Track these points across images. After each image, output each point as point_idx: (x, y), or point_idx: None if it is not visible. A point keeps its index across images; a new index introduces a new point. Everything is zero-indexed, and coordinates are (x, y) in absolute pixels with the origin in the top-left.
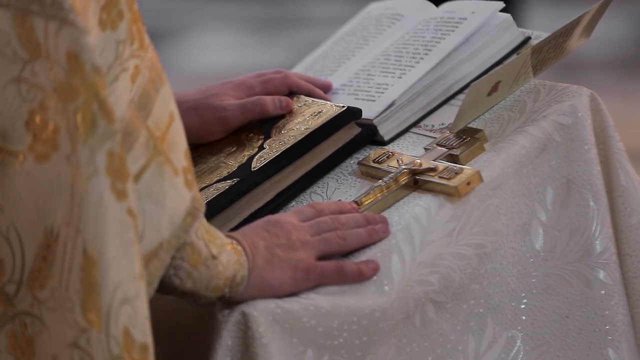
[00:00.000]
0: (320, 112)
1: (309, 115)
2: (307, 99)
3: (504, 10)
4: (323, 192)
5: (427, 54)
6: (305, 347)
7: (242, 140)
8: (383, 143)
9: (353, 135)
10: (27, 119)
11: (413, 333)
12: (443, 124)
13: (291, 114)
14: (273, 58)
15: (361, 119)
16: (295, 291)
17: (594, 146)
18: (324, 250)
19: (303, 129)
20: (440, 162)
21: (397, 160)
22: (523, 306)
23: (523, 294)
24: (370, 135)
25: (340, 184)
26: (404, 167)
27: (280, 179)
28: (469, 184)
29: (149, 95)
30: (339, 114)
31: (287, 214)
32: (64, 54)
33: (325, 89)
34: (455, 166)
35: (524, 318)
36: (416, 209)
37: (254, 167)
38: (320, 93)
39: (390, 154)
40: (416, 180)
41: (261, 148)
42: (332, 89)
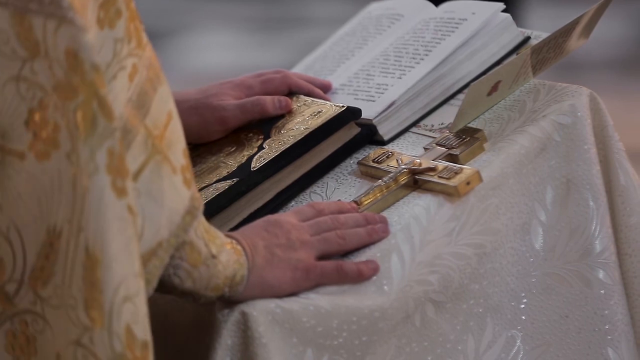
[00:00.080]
0: (319, 112)
1: (308, 115)
2: (307, 98)
3: (503, 10)
4: (323, 192)
5: (427, 55)
6: (304, 347)
7: (242, 140)
8: (383, 143)
9: (353, 135)
10: (27, 117)
11: (413, 333)
12: (443, 124)
13: (291, 113)
14: (273, 58)
15: (361, 119)
16: (295, 291)
17: (594, 146)
18: (323, 250)
19: (302, 128)
20: (439, 162)
21: (397, 160)
22: (523, 306)
23: (523, 293)
24: (369, 135)
25: (340, 183)
26: (403, 167)
27: (279, 178)
28: (468, 183)
29: (147, 94)
30: (339, 113)
31: (287, 214)
32: (63, 52)
33: (324, 89)
34: (454, 166)
35: (523, 318)
36: (416, 208)
37: (254, 167)
38: (319, 93)
39: (390, 153)
40: (416, 180)
41: (261, 148)
42: (332, 88)
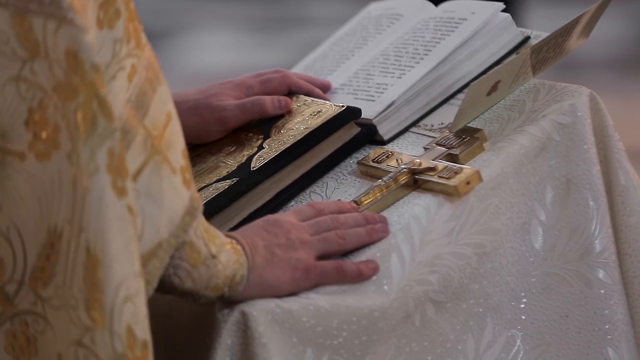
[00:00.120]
0: (319, 112)
1: (308, 115)
2: (307, 98)
3: (503, 10)
4: (322, 192)
5: (427, 55)
6: (304, 347)
7: (242, 140)
8: (382, 142)
9: (352, 135)
10: (27, 117)
11: (412, 333)
12: (442, 124)
13: (290, 113)
14: (273, 58)
15: (360, 118)
16: (295, 291)
17: (594, 146)
18: (323, 250)
19: (302, 128)
20: (439, 162)
21: (397, 159)
22: (523, 305)
23: (522, 293)
24: (369, 134)
25: (340, 183)
26: (403, 167)
27: (279, 178)
28: (468, 183)
29: (146, 95)
30: (339, 113)
31: (287, 214)
32: (63, 53)
33: (324, 89)
34: (454, 166)
35: (523, 317)
36: (416, 208)
37: (254, 167)
38: (319, 92)
39: (390, 153)
40: (415, 180)
41: (260, 148)
42: (331, 88)
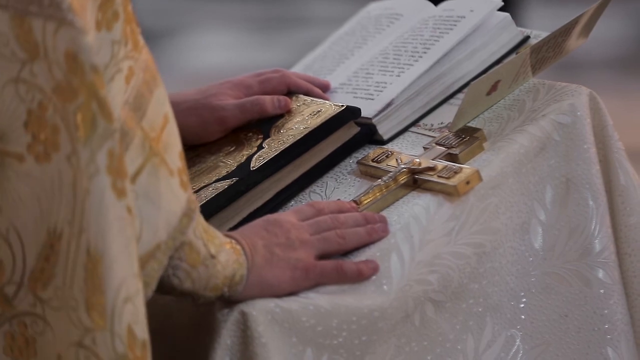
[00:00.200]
0: (319, 112)
1: (308, 115)
2: (306, 98)
3: (503, 10)
4: (322, 192)
5: (426, 52)
6: (304, 347)
7: (241, 140)
8: (382, 142)
9: (352, 135)
10: (26, 119)
11: (412, 332)
12: (442, 123)
13: (290, 113)
14: (272, 58)
15: (360, 118)
16: (295, 290)
17: (593, 145)
18: (323, 249)
19: (302, 128)
20: (439, 161)
21: (396, 159)
22: (522, 305)
23: (522, 293)
24: (369, 134)
25: (340, 183)
26: (403, 167)
27: (279, 178)
28: (468, 183)
29: (143, 97)
30: (338, 113)
31: (286, 213)
32: (62, 54)
33: (323, 89)
34: (454, 165)
35: (523, 317)
36: (415, 208)
37: (253, 167)
38: (318, 92)
39: (389, 153)
40: (415, 180)
41: (260, 147)
42: (331, 88)
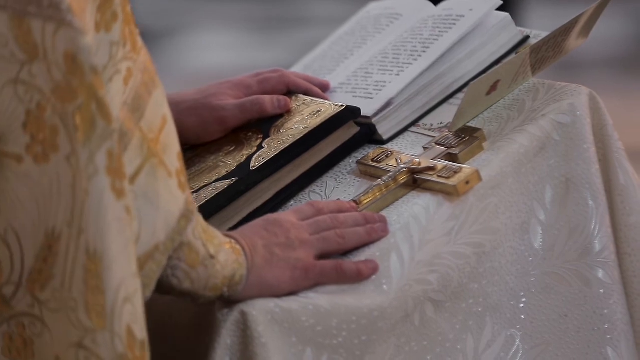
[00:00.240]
0: (319, 111)
1: (307, 115)
2: (306, 98)
3: (503, 10)
4: (322, 191)
5: (425, 52)
6: (304, 346)
7: (241, 140)
8: (382, 142)
9: (352, 135)
10: (25, 120)
11: (412, 332)
12: (442, 123)
13: (290, 113)
14: (272, 58)
15: (360, 117)
16: (294, 290)
17: (593, 145)
18: (323, 249)
19: (302, 128)
20: (439, 161)
21: (396, 159)
22: (522, 305)
23: (522, 292)
24: (369, 134)
25: (339, 183)
26: (402, 166)
27: (279, 178)
28: (467, 183)
29: (142, 98)
30: (338, 113)
31: (286, 213)
32: (61, 55)
33: (323, 88)
34: (454, 165)
35: (522, 317)
36: (415, 208)
37: (253, 166)
38: (318, 92)
39: (389, 153)
40: (415, 179)
41: (260, 147)
42: (330, 88)
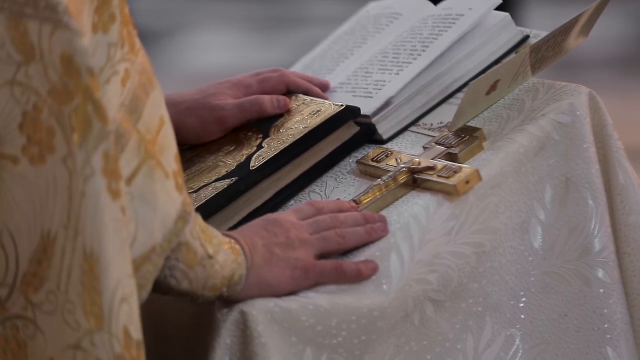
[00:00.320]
0: (318, 111)
1: (307, 114)
2: (306, 97)
3: (502, 9)
4: (322, 191)
5: (425, 51)
6: (304, 346)
7: (241, 139)
8: (382, 142)
9: (352, 134)
10: (21, 121)
11: (412, 332)
12: (442, 123)
13: (289, 112)
14: (272, 57)
15: (360, 117)
16: (294, 290)
17: (593, 145)
18: (322, 249)
19: (301, 127)
20: (438, 161)
21: (396, 158)
22: (522, 305)
23: (522, 292)
24: (368, 133)
25: (339, 182)
26: (402, 166)
27: (278, 177)
28: (467, 182)
29: (139, 99)
30: (338, 112)
31: (286, 213)
32: (58, 57)
33: (323, 88)
34: (453, 165)
35: (522, 316)
36: (415, 207)
37: (253, 166)
38: (317, 91)
39: (389, 152)
40: (415, 179)
41: (259, 147)
42: (330, 87)
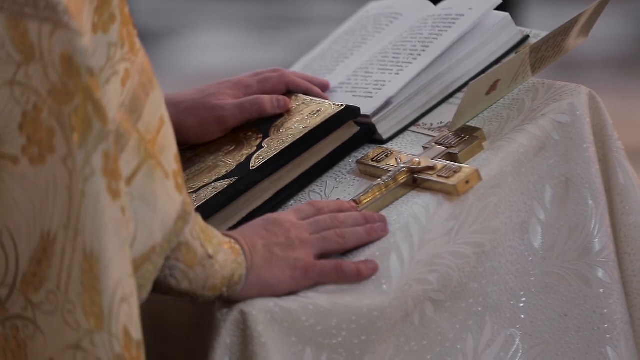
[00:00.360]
0: (318, 111)
1: (307, 114)
2: (306, 97)
3: (502, 9)
4: (322, 191)
5: (425, 51)
6: (304, 346)
7: (241, 139)
8: (382, 142)
9: (352, 134)
10: (21, 121)
11: (412, 332)
12: (442, 123)
13: (289, 112)
14: (272, 57)
15: (360, 117)
16: (294, 290)
17: (593, 145)
18: (322, 249)
19: (301, 127)
20: (438, 161)
21: (396, 158)
22: (522, 305)
23: (522, 292)
24: (368, 133)
25: (339, 182)
26: (402, 166)
27: (278, 177)
28: (467, 182)
29: (139, 99)
30: (338, 112)
31: (286, 213)
32: (58, 57)
33: (323, 88)
34: (453, 165)
35: (522, 316)
36: (415, 207)
37: (253, 166)
38: (317, 91)
39: (389, 152)
40: (415, 179)
41: (259, 147)
42: (330, 87)
